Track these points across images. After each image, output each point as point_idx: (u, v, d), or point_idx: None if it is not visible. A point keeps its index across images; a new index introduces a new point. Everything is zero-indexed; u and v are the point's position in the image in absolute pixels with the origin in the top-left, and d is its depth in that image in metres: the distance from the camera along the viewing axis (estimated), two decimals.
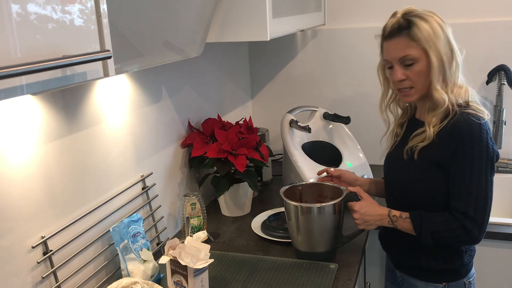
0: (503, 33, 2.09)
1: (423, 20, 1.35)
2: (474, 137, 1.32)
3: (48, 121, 1.18)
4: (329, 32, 2.31)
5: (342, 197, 1.47)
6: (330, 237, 1.49)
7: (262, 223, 1.75)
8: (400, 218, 1.41)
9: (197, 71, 1.90)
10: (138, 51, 1.20)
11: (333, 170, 1.68)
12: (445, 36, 1.35)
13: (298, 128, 1.93)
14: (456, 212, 1.33)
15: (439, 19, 1.37)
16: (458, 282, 1.47)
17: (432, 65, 1.35)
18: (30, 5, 0.69)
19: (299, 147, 1.97)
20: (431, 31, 1.34)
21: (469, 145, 1.32)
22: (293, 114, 2.03)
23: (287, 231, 1.61)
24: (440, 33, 1.35)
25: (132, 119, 1.51)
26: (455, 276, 1.46)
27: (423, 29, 1.34)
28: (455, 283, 1.46)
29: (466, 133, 1.32)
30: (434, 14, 1.38)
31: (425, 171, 1.39)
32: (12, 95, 0.67)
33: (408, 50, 1.36)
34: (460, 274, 1.46)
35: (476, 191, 1.32)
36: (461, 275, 1.46)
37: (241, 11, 1.51)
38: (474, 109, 1.36)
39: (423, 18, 1.35)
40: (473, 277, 1.49)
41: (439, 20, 1.36)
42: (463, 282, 1.46)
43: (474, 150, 1.32)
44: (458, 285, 1.47)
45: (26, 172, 1.12)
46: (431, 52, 1.34)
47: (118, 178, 1.45)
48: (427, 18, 1.35)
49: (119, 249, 1.35)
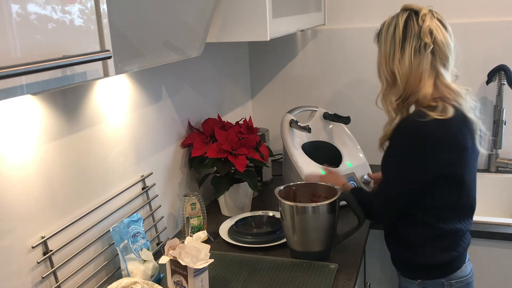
0: (503, 33, 2.09)
1: (387, 25, 1.42)
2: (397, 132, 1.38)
3: (48, 121, 1.18)
4: (329, 32, 2.31)
5: (337, 196, 1.48)
6: (325, 236, 1.49)
7: (229, 228, 1.71)
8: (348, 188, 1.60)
9: (197, 71, 1.90)
10: (138, 51, 1.20)
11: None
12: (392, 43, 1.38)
13: (298, 128, 1.93)
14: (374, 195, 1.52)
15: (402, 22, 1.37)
16: (435, 281, 1.45)
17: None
18: (30, 5, 0.69)
19: (299, 147, 1.97)
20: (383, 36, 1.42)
21: (393, 139, 1.40)
22: (293, 114, 2.02)
23: (256, 236, 1.64)
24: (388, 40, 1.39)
25: (132, 119, 1.51)
26: (432, 274, 1.45)
27: (381, 33, 1.44)
28: (431, 282, 1.45)
29: (395, 130, 1.39)
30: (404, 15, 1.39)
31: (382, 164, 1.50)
32: (12, 95, 0.67)
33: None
34: (437, 273, 1.45)
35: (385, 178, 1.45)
36: (438, 275, 1.45)
37: (241, 11, 1.51)
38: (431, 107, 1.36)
39: (390, 21, 1.42)
40: (458, 280, 1.45)
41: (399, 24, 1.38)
42: (441, 282, 1.44)
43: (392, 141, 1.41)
44: (434, 284, 1.45)
45: (26, 172, 1.12)
46: (377, 57, 1.45)
47: (118, 178, 1.45)
48: (391, 22, 1.41)
49: (119, 249, 1.35)
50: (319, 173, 1.79)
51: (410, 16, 1.37)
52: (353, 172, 1.93)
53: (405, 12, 1.40)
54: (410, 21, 1.37)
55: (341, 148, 2.03)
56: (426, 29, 1.35)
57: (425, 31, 1.35)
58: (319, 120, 2.06)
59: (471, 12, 2.12)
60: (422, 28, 1.35)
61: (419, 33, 1.35)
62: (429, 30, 1.35)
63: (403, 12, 1.40)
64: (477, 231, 1.65)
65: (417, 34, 1.35)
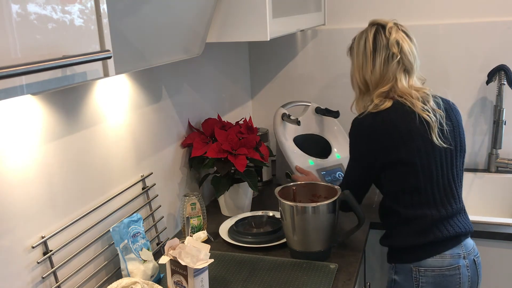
0: (503, 33, 2.09)
1: (358, 39, 1.57)
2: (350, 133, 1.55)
3: (48, 121, 1.18)
4: (329, 32, 2.31)
5: (337, 196, 1.48)
6: (325, 236, 1.50)
7: (229, 228, 1.72)
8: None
9: (197, 71, 1.90)
10: (138, 51, 1.20)
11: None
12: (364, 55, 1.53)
13: (289, 121, 2.06)
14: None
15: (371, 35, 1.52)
16: (404, 266, 1.49)
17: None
18: (30, 5, 0.69)
19: (290, 138, 2.10)
20: (355, 50, 1.57)
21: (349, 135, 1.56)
22: (286, 108, 2.15)
23: (256, 236, 1.64)
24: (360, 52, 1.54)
25: (132, 119, 1.51)
26: (401, 258, 1.51)
27: (353, 47, 1.60)
28: (401, 266, 1.50)
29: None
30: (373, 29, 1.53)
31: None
32: (12, 95, 0.67)
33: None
34: (405, 257, 1.49)
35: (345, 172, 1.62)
36: (407, 259, 1.48)
37: (241, 11, 1.51)
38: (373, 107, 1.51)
39: (360, 36, 1.57)
40: (427, 268, 1.45)
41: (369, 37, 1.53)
42: (410, 267, 1.47)
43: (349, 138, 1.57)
44: (403, 268, 1.49)
45: (26, 172, 1.12)
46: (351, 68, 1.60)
47: (118, 178, 1.45)
48: (361, 36, 1.56)
49: (119, 249, 1.35)
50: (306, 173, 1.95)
51: (378, 30, 1.52)
52: (341, 164, 2.09)
53: (372, 26, 1.54)
54: (378, 35, 1.52)
55: (331, 141, 2.17)
56: (393, 40, 1.50)
57: (392, 42, 1.50)
58: (312, 114, 2.20)
59: (471, 12, 2.12)
60: (390, 40, 1.50)
61: (387, 44, 1.50)
62: (396, 41, 1.50)
63: (371, 27, 1.55)
64: (477, 231, 1.65)
65: (386, 45, 1.50)
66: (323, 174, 2.03)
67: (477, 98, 2.18)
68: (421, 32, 1.45)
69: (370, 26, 1.56)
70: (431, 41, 2.15)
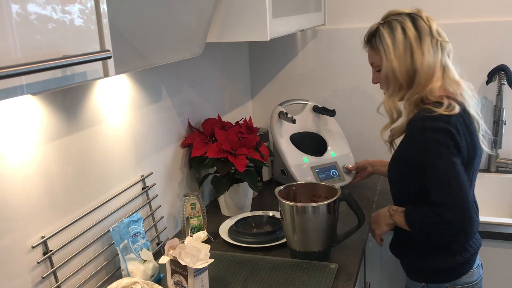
0: (503, 33, 2.09)
1: (388, 29, 1.42)
2: (419, 129, 1.35)
3: (48, 121, 1.18)
4: (329, 32, 2.31)
5: (337, 196, 1.48)
6: (325, 236, 1.49)
7: (229, 228, 1.72)
8: (397, 212, 1.45)
9: (197, 71, 1.90)
10: (138, 51, 1.20)
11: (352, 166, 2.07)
12: (406, 44, 1.39)
13: (285, 119, 2.10)
14: (434, 206, 1.31)
15: (410, 23, 1.40)
16: (439, 286, 1.45)
17: (382, 74, 1.45)
18: (30, 5, 0.69)
19: (286, 136, 2.14)
20: (389, 41, 1.41)
21: (418, 139, 1.36)
22: (283, 106, 2.18)
23: (256, 236, 1.64)
24: (399, 42, 1.40)
25: (132, 119, 1.51)
26: (436, 278, 1.45)
27: (382, 39, 1.43)
28: (436, 286, 1.45)
29: (413, 130, 1.37)
30: (408, 17, 1.41)
31: (395, 166, 1.48)
32: (12, 95, 0.67)
33: (373, 58, 1.50)
34: (441, 277, 1.44)
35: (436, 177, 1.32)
36: (443, 279, 1.44)
37: (241, 11, 1.51)
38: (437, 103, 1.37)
39: (390, 26, 1.42)
40: (462, 286, 1.44)
41: (408, 25, 1.40)
42: (446, 287, 1.44)
43: (421, 141, 1.35)
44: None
45: (26, 172, 1.12)
46: (384, 61, 1.42)
47: (118, 178, 1.45)
48: (394, 26, 1.41)
49: (119, 249, 1.35)
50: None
51: (414, 18, 1.41)
52: (335, 162, 2.12)
53: (403, 15, 1.42)
54: (418, 21, 1.41)
55: (328, 139, 2.20)
56: (434, 27, 1.42)
57: (434, 28, 1.41)
58: (309, 113, 2.23)
59: (471, 12, 2.12)
60: (432, 27, 1.41)
61: (430, 31, 1.40)
62: (436, 28, 1.42)
63: (400, 16, 1.43)
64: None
65: (429, 32, 1.40)
66: (317, 171, 2.06)
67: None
68: None
69: (398, 15, 1.43)
70: None
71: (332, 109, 2.16)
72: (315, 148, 2.16)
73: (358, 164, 2.06)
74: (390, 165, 1.51)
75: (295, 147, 2.12)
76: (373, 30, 1.48)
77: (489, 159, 2.16)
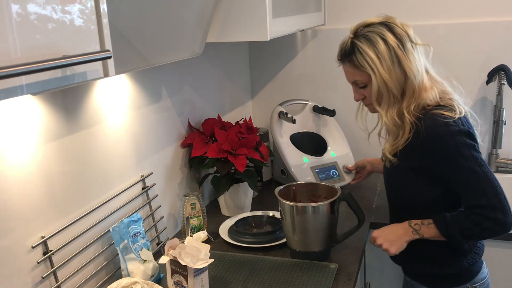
0: (503, 33, 2.09)
1: (367, 43, 1.35)
2: (445, 136, 1.31)
3: (48, 121, 1.18)
4: (329, 32, 2.31)
5: (337, 196, 1.48)
6: (325, 236, 1.49)
7: (229, 228, 1.72)
8: (422, 225, 1.39)
9: (197, 71, 1.90)
10: (138, 51, 1.20)
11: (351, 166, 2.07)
12: (391, 55, 1.34)
13: (285, 119, 2.11)
14: (472, 209, 1.31)
15: (389, 32, 1.35)
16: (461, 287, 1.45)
17: (373, 90, 1.38)
18: (30, 5, 0.69)
19: (286, 136, 2.14)
20: (373, 55, 1.34)
21: (444, 147, 1.31)
22: (284, 106, 2.19)
23: (256, 236, 1.64)
24: (384, 54, 1.34)
25: (132, 119, 1.51)
26: (457, 281, 1.45)
27: (365, 54, 1.35)
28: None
29: (437, 137, 1.32)
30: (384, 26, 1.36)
31: (404, 175, 1.42)
32: (12, 95, 0.67)
33: (355, 76, 1.42)
34: (462, 279, 1.45)
35: (477, 180, 1.31)
36: (463, 280, 1.45)
37: (241, 11, 1.51)
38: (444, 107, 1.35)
39: (368, 39, 1.36)
40: (480, 283, 1.45)
41: (388, 35, 1.34)
42: (466, 287, 1.45)
43: (451, 148, 1.31)
44: None
45: (26, 172, 1.12)
46: (373, 77, 1.36)
47: (118, 178, 1.45)
48: (373, 38, 1.35)
49: (119, 249, 1.35)
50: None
51: (390, 26, 1.37)
52: (335, 161, 2.12)
53: (377, 26, 1.37)
54: (395, 29, 1.36)
55: (328, 139, 2.21)
56: (411, 32, 1.38)
57: (411, 34, 1.37)
58: (309, 113, 2.24)
59: (471, 12, 2.12)
60: (408, 32, 1.37)
61: (408, 37, 1.36)
62: (413, 33, 1.38)
63: (374, 27, 1.38)
64: None
65: (408, 39, 1.36)
66: (317, 171, 2.06)
67: (477, 98, 2.18)
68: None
69: (372, 26, 1.38)
70: (431, 41, 2.12)
71: (332, 109, 2.17)
72: (315, 148, 2.17)
73: (357, 164, 2.07)
74: (393, 177, 1.47)
75: (295, 147, 2.13)
76: (347, 47, 1.40)
77: (489, 159, 2.16)
